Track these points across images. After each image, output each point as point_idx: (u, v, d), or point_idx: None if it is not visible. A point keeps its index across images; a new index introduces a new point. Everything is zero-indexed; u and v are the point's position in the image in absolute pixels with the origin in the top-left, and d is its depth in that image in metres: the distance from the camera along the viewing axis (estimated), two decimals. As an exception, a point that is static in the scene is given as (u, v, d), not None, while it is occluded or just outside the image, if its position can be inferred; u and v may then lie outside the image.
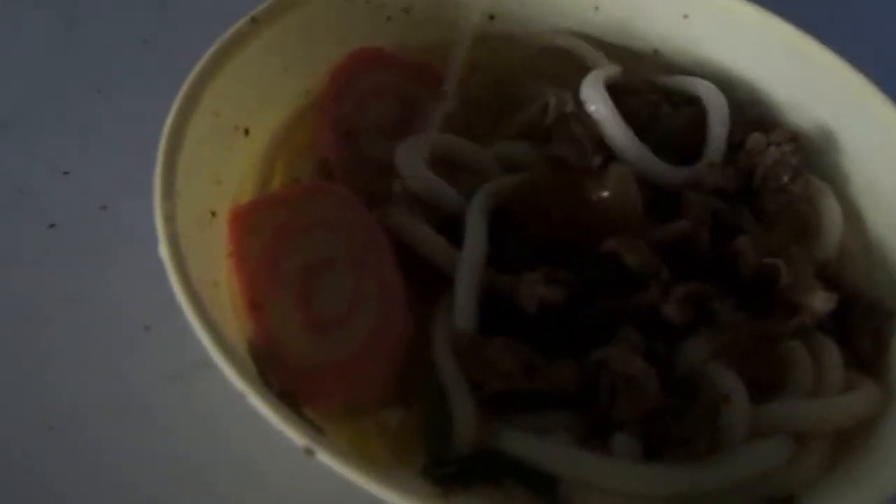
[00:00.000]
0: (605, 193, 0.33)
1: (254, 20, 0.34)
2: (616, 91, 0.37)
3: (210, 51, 0.33)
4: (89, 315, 0.37)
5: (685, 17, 0.40)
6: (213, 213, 0.32)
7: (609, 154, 0.35)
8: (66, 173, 0.42)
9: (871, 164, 0.37)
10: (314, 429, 0.26)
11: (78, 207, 0.41)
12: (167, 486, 0.33)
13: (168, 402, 0.35)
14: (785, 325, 0.30)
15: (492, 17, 0.41)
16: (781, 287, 0.31)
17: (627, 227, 0.33)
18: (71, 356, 0.36)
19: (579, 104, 0.36)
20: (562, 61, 0.41)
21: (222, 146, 0.33)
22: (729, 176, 0.36)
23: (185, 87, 0.31)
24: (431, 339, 0.30)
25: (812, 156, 0.38)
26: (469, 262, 0.31)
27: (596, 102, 0.36)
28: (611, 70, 0.38)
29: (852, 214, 0.37)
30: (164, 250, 0.27)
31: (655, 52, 0.42)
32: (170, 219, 0.28)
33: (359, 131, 0.37)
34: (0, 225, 0.40)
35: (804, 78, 0.39)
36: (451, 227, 0.33)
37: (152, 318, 0.37)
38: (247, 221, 0.32)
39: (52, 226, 0.40)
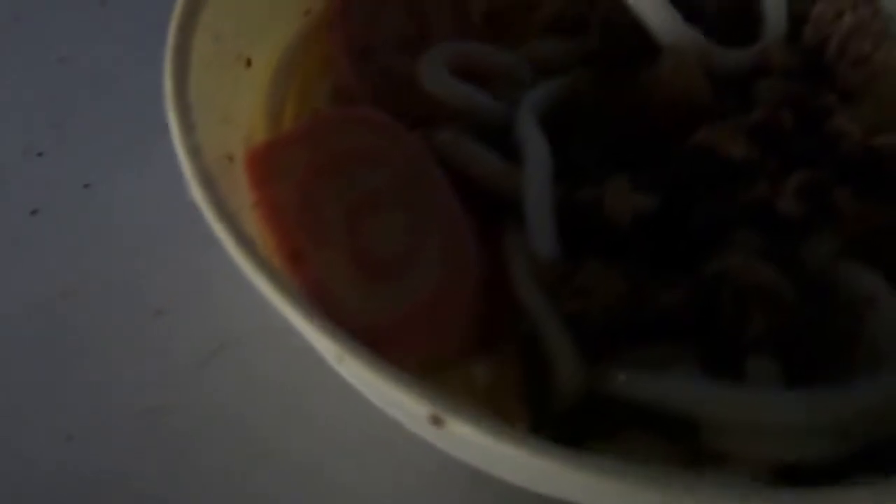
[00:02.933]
0: (664, 77, 0.29)
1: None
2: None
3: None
4: (93, 306, 0.33)
5: None
6: (231, 158, 0.27)
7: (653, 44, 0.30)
8: (39, 154, 0.37)
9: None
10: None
11: (59, 190, 0.36)
12: (202, 489, 0.29)
13: (195, 393, 0.31)
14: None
15: None
16: (900, 167, 0.27)
17: (698, 117, 0.28)
18: (80, 354, 0.32)
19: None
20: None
21: (228, 80, 0.28)
22: (796, 55, 0.31)
23: (178, 11, 0.26)
24: (510, 274, 0.25)
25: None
26: (536, 176, 0.26)
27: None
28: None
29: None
30: (196, 191, 0.22)
31: None
32: (195, 152, 0.22)
33: (374, 48, 0.32)
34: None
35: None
36: (500, 139, 0.28)
37: (162, 302, 0.33)
38: (268, 164, 0.27)
39: (34, 212, 0.35)
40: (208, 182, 0.21)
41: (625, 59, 0.31)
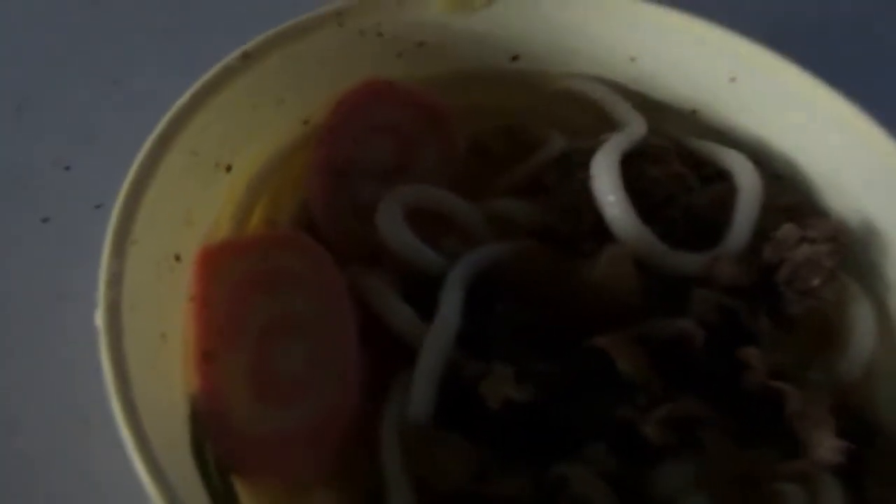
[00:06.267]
0: (598, 275, 0.30)
1: (245, 55, 0.32)
2: (636, 155, 0.34)
3: (191, 90, 0.30)
4: (73, 314, 0.35)
5: (732, 79, 0.36)
6: (178, 257, 0.30)
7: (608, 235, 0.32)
8: (67, 168, 0.40)
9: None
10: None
11: (74, 204, 0.39)
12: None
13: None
14: (781, 466, 0.27)
15: (515, 58, 0.38)
16: (788, 415, 0.28)
17: (621, 316, 0.29)
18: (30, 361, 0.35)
19: (588, 167, 0.33)
20: (584, 109, 0.37)
21: (198, 185, 0.31)
22: (746, 272, 0.32)
23: (157, 130, 0.29)
24: (380, 423, 0.28)
25: (853, 254, 0.34)
26: (435, 341, 0.28)
27: (604, 183, 0.32)
28: (635, 131, 0.35)
29: (888, 329, 0.33)
30: (99, 320, 0.25)
31: (694, 112, 0.38)
32: (115, 281, 0.26)
33: (351, 172, 0.34)
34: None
35: (853, 160, 0.34)
36: (432, 290, 0.30)
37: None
38: (215, 264, 0.30)
39: (45, 220, 0.39)
40: (116, 316, 0.25)
41: (576, 239, 0.33)
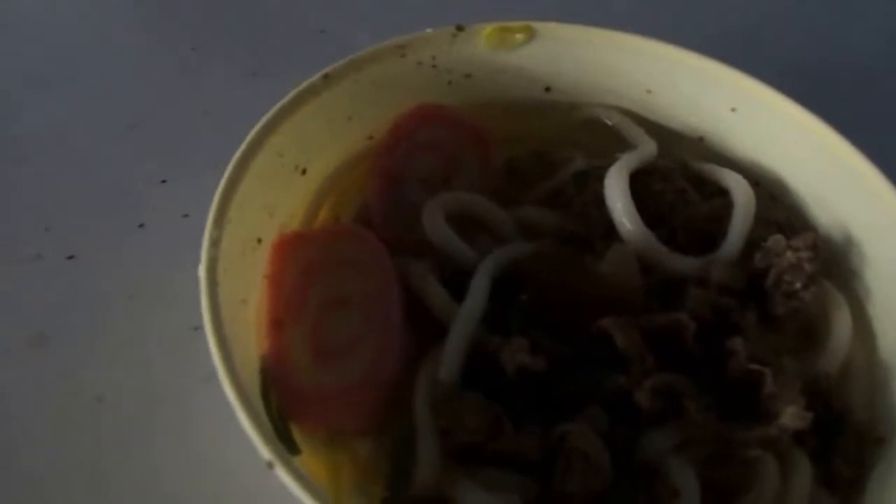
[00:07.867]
0: (604, 270, 0.36)
1: (326, 77, 0.39)
2: (646, 172, 0.40)
3: (281, 102, 0.37)
4: (144, 310, 0.43)
5: (733, 109, 0.42)
6: (259, 240, 0.36)
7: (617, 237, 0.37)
8: (163, 181, 0.48)
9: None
10: (290, 446, 0.31)
11: (165, 213, 0.46)
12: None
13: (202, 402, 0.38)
14: (750, 433, 0.31)
15: (547, 89, 0.44)
16: (764, 395, 0.33)
17: (624, 307, 0.35)
18: (126, 347, 0.41)
19: (602, 180, 0.39)
20: (606, 135, 0.43)
21: (280, 183, 0.38)
22: (737, 275, 0.37)
23: (253, 132, 0.36)
24: (415, 383, 0.33)
25: (837, 264, 0.39)
26: (464, 318, 0.34)
27: (613, 191, 0.38)
28: (645, 152, 0.40)
29: (866, 331, 0.37)
30: (202, 271, 0.32)
31: (701, 139, 0.44)
32: (214, 243, 0.32)
33: (404, 179, 0.41)
34: (98, 219, 0.46)
35: (838, 183, 0.39)
36: (465, 279, 0.36)
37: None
38: (287, 250, 0.37)
39: (140, 226, 0.46)
40: (213, 269, 0.31)
41: (590, 241, 0.38)
